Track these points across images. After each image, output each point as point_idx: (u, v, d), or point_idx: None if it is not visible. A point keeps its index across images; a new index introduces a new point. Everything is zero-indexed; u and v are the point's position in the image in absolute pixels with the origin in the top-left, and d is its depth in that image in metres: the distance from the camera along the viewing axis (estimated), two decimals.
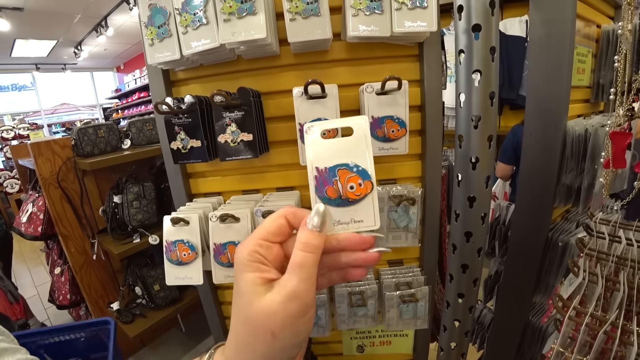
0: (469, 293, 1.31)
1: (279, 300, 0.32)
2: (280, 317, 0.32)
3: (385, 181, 0.93)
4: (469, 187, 1.20)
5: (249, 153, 0.71)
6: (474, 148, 1.16)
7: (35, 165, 2.01)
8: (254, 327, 0.32)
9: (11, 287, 2.02)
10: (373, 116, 0.76)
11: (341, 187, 0.45)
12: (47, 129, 8.98)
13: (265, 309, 0.32)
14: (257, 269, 0.34)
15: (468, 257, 1.27)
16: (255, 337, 0.32)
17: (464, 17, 1.05)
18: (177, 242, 0.76)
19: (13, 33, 6.28)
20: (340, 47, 0.84)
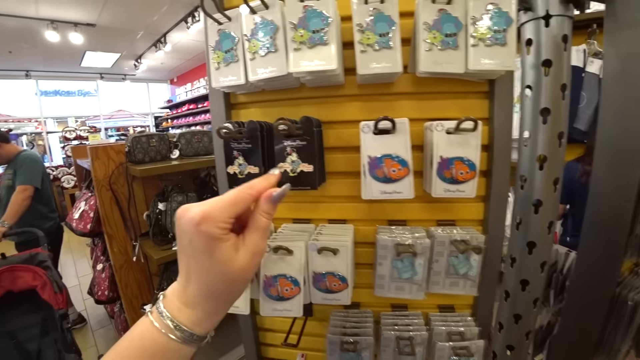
0: (519, 346, 1.16)
1: (250, 257, 0.40)
2: (251, 268, 0.40)
3: (443, 222, 0.85)
4: (529, 232, 1.08)
5: (307, 184, 0.65)
6: (537, 190, 1.05)
7: (92, 167, 2.07)
8: (234, 279, 0.39)
9: (57, 277, 2.05)
10: (442, 156, 0.68)
11: (386, 170, 0.66)
12: (104, 132, 9.49)
13: (242, 266, 0.39)
14: (229, 239, 0.39)
15: (522, 307, 1.14)
16: (232, 286, 0.40)
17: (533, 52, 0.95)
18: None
19: (84, 46, 6.73)
20: (406, 79, 0.78)
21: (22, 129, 8.81)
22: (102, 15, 5.51)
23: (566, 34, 0.65)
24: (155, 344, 0.36)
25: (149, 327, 0.37)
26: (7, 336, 2.02)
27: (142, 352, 0.36)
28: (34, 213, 2.64)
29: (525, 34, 0.70)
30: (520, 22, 0.66)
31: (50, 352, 2.06)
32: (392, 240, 0.74)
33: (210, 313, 0.39)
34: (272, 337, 0.99)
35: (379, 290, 0.78)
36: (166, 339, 0.36)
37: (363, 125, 0.64)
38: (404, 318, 0.89)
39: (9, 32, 5.78)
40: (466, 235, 0.77)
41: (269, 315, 0.71)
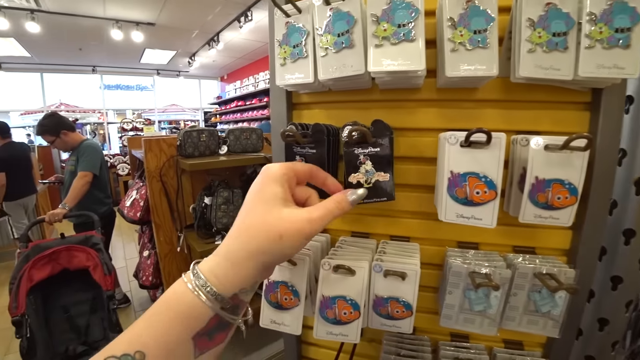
0: None
1: (302, 217, 0.38)
2: (293, 228, 0.37)
3: (521, 249, 0.72)
4: (615, 265, 0.92)
5: (384, 195, 0.56)
6: (630, 218, 0.89)
7: (145, 158, 2.11)
8: (268, 226, 0.37)
9: (107, 260, 2.12)
10: (537, 177, 0.56)
11: (469, 191, 0.55)
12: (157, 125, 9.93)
13: (285, 216, 0.37)
14: (283, 187, 0.40)
15: (596, 348, 0.98)
16: (262, 234, 0.37)
17: None
18: (279, 284, 0.63)
19: (144, 43, 7.06)
20: (492, 85, 0.66)
21: (86, 119, 9.44)
22: (161, 15, 5.74)
23: None
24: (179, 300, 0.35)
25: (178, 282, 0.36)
26: (61, 309, 2.11)
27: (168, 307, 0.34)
28: (91, 198, 2.75)
29: None
30: None
31: (97, 329, 2.12)
32: (466, 267, 0.63)
33: (231, 260, 0.36)
34: (315, 352, 0.91)
35: (445, 321, 0.68)
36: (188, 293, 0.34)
37: (450, 135, 0.53)
38: (466, 351, 0.78)
39: (82, 30, 6.19)
40: (552, 268, 0.64)
41: (323, 339, 0.62)
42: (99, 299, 2.15)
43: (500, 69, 0.62)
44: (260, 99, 7.78)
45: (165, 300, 0.35)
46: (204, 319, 0.34)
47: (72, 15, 5.47)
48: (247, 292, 0.38)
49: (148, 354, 0.31)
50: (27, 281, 1.88)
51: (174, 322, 0.33)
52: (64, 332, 2.04)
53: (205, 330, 0.34)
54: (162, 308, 0.34)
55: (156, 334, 0.32)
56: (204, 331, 0.34)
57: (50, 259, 2.00)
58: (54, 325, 2.04)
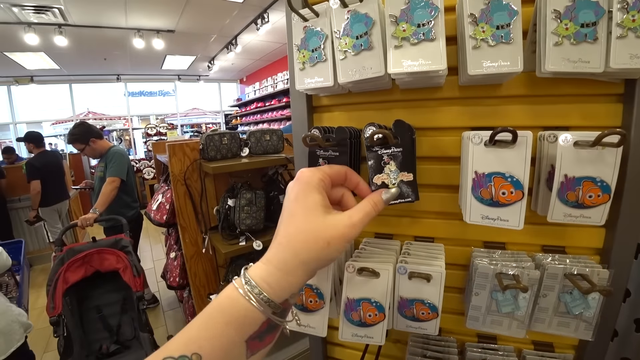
0: None
1: (344, 223, 0.40)
2: (339, 234, 0.39)
3: (551, 248, 0.70)
4: None
5: (409, 196, 0.55)
6: None
7: (169, 163, 2.17)
8: (315, 234, 0.38)
9: (136, 262, 2.19)
10: (567, 175, 0.54)
11: (494, 192, 0.54)
12: (180, 129, 10.20)
13: (329, 224, 0.39)
14: (322, 194, 0.42)
15: (634, 350, 0.94)
16: (311, 243, 0.38)
17: None
18: (304, 286, 0.64)
19: (165, 50, 7.26)
20: (517, 80, 0.64)
21: (112, 126, 9.80)
22: (180, 21, 5.88)
23: None
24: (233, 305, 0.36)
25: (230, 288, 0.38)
26: (94, 310, 2.20)
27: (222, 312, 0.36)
28: (119, 202, 2.86)
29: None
30: None
31: (128, 328, 2.20)
32: (493, 268, 0.62)
33: (283, 270, 0.38)
34: (341, 352, 0.91)
35: (472, 323, 0.66)
36: (241, 299, 0.36)
37: (474, 135, 0.52)
38: (494, 353, 0.76)
39: (106, 41, 6.43)
40: (584, 269, 0.62)
41: (348, 341, 0.62)
42: (129, 300, 2.23)
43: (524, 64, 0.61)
44: (279, 99, 7.85)
45: (219, 304, 0.36)
46: (257, 323, 0.36)
47: (96, 27, 5.69)
48: (295, 296, 0.40)
49: (204, 356, 0.33)
50: (62, 283, 1.98)
51: (229, 326, 0.35)
52: (97, 331, 2.13)
53: (258, 333, 0.36)
54: (217, 312, 0.36)
55: (212, 337, 0.34)
56: (256, 334, 0.36)
57: (84, 261, 2.09)
58: (88, 324, 2.14)
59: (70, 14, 5.07)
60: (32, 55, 6.84)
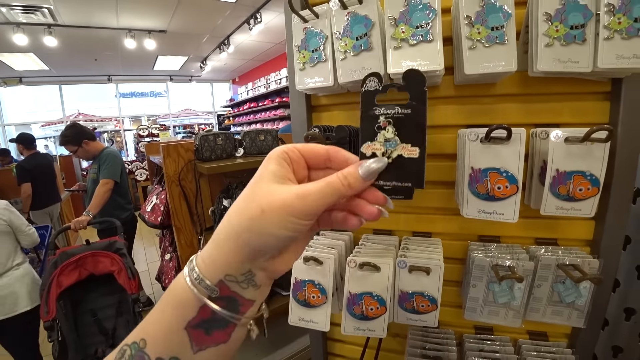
0: None
1: (289, 190, 0.31)
2: (278, 200, 0.31)
3: (544, 240, 0.73)
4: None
5: (409, 178, 0.57)
6: None
7: (163, 163, 2.16)
8: (250, 198, 0.32)
9: (131, 264, 2.18)
10: (558, 170, 0.57)
11: (490, 186, 0.55)
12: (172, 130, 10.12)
13: (271, 189, 0.32)
14: (281, 165, 0.34)
15: (624, 338, 0.98)
16: (243, 208, 0.32)
17: None
18: (307, 283, 0.65)
19: (157, 51, 7.21)
20: (510, 79, 0.67)
21: (103, 128, 9.69)
22: (172, 22, 5.85)
23: None
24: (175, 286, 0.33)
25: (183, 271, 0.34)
26: (89, 313, 2.19)
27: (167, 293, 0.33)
28: (113, 204, 2.84)
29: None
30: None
31: (124, 331, 2.19)
32: (489, 260, 0.64)
33: (215, 241, 0.33)
34: (341, 348, 0.93)
35: (470, 314, 0.69)
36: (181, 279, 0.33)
37: (470, 132, 0.55)
38: (491, 343, 0.79)
39: (96, 41, 6.37)
40: (576, 259, 0.65)
41: (350, 334, 0.64)
42: (124, 303, 2.22)
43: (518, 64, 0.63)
44: (272, 99, 7.85)
45: (167, 289, 0.34)
46: (192, 306, 0.32)
47: (87, 27, 5.64)
48: (237, 283, 0.33)
49: (148, 341, 0.31)
50: (56, 287, 1.96)
51: (167, 308, 0.33)
52: (92, 335, 2.12)
53: (198, 321, 0.32)
54: (164, 296, 0.34)
55: (155, 321, 0.32)
56: (196, 322, 0.32)
57: (77, 265, 2.07)
58: (82, 328, 2.12)
59: (60, 14, 5.02)
60: (21, 56, 6.74)
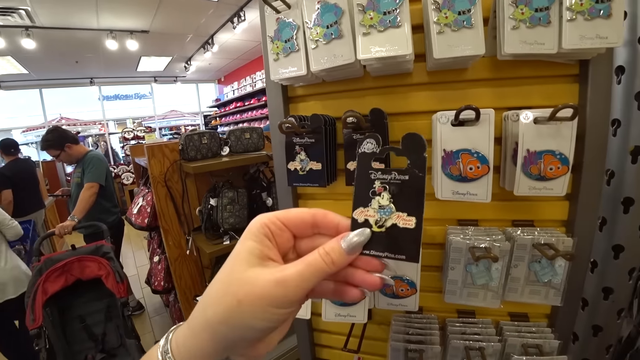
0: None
1: (267, 277, 0.29)
2: (255, 291, 0.28)
3: (520, 222, 0.74)
4: (616, 234, 0.94)
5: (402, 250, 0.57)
6: (628, 187, 0.90)
7: (149, 164, 2.14)
8: (225, 288, 0.30)
9: (119, 268, 2.16)
10: (529, 150, 0.59)
11: (462, 167, 0.57)
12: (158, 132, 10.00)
13: (247, 277, 0.29)
14: (261, 242, 0.31)
15: (603, 317, 1.00)
16: (219, 298, 0.30)
17: (627, 26, 0.82)
18: None
19: (139, 51, 7.11)
20: (481, 64, 0.69)
21: (87, 132, 9.53)
22: (154, 22, 5.78)
23: None
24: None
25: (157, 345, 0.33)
26: (78, 319, 2.16)
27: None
28: (99, 208, 2.80)
29: None
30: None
31: (114, 336, 2.17)
32: (466, 242, 0.66)
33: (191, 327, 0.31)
34: (327, 338, 0.94)
35: (449, 297, 0.70)
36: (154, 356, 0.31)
37: (440, 115, 0.56)
38: (473, 326, 0.80)
39: (77, 43, 6.25)
40: (550, 238, 0.67)
41: (331, 321, 0.65)
42: (113, 307, 2.20)
43: (487, 48, 0.65)
44: (258, 98, 7.82)
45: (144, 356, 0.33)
46: None
47: (66, 28, 5.53)
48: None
49: None
50: (42, 294, 1.93)
51: None
52: (81, 341, 2.09)
53: None
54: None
55: None
56: None
57: (63, 270, 2.04)
58: (71, 335, 2.10)
59: (37, 15, 4.91)
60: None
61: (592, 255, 0.91)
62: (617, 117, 0.88)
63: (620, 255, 0.91)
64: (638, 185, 0.88)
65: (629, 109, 0.87)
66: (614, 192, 0.90)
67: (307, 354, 0.95)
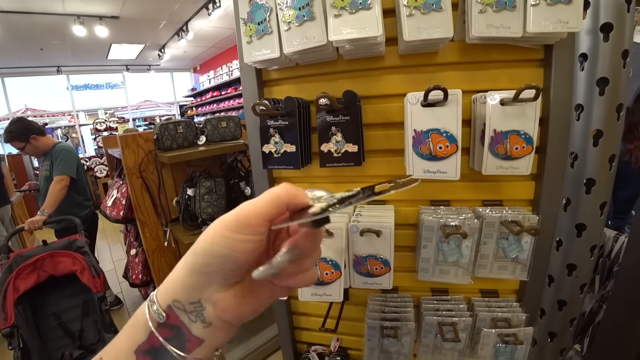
0: (562, 333, 1.09)
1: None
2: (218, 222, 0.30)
3: (490, 202, 0.78)
4: (579, 213, 0.99)
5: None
6: (590, 168, 0.96)
7: (122, 155, 2.09)
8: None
9: (94, 262, 2.11)
10: (495, 130, 0.61)
11: (432, 147, 0.60)
12: (132, 123, 9.68)
13: None
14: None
15: (567, 292, 1.07)
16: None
17: (590, 15, 0.86)
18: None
19: (110, 38, 6.82)
20: (451, 48, 0.70)
21: (56, 123, 9.12)
22: (125, 7, 5.55)
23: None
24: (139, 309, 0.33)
25: None
26: (53, 316, 2.11)
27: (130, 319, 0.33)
28: (70, 202, 2.71)
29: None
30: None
31: (92, 331, 2.13)
32: (437, 221, 0.68)
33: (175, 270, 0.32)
34: (306, 321, 0.96)
35: (422, 275, 0.73)
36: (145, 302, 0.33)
37: (410, 96, 0.57)
38: (446, 303, 0.84)
39: (39, 29, 5.92)
40: (517, 216, 0.70)
41: (308, 300, 0.67)
42: (90, 302, 2.15)
43: (457, 33, 0.67)
44: (235, 87, 7.67)
45: None
46: (143, 329, 0.31)
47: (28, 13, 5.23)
48: (185, 312, 0.31)
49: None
50: (13, 292, 1.87)
51: (126, 328, 0.32)
52: (58, 338, 2.05)
53: (147, 347, 0.31)
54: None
55: (114, 341, 0.33)
56: (145, 348, 0.31)
57: (35, 267, 1.98)
58: (47, 332, 2.04)
59: None
60: None
61: (557, 234, 0.96)
62: (580, 102, 0.93)
63: (583, 233, 0.96)
64: (599, 167, 0.93)
65: (591, 95, 0.92)
66: (577, 174, 0.95)
67: (287, 337, 0.97)
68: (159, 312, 0.31)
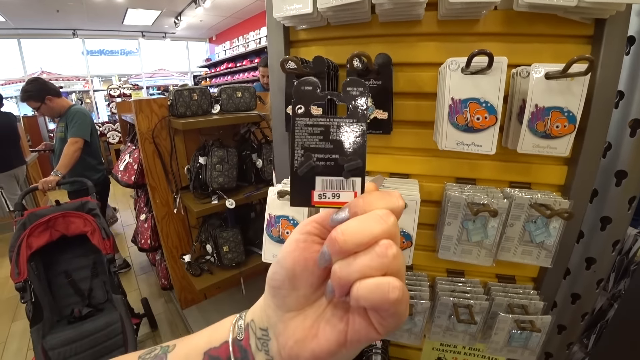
0: (572, 327, 1.08)
1: None
2: None
3: (518, 184, 0.74)
4: (606, 206, 0.96)
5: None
6: (623, 160, 0.91)
7: (136, 120, 2.08)
8: None
9: (105, 225, 2.14)
10: (537, 105, 0.57)
11: (469, 117, 0.55)
12: (145, 91, 9.65)
13: None
14: None
15: (583, 286, 1.04)
16: None
17: None
18: (281, 218, 0.65)
19: (126, 3, 6.73)
20: (494, 17, 0.65)
21: (71, 87, 9.14)
22: None
23: None
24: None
25: None
26: (63, 274, 2.16)
27: None
28: (83, 164, 2.73)
29: None
30: None
31: (100, 291, 2.18)
32: (464, 198, 0.65)
33: None
34: None
35: (443, 253, 0.71)
36: None
37: (451, 61, 0.53)
38: (462, 285, 0.82)
39: None
40: (549, 199, 0.67)
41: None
42: (99, 263, 2.19)
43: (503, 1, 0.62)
44: (251, 60, 7.54)
45: None
46: (221, 335, 0.32)
47: None
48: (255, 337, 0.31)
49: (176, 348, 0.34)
50: (26, 248, 1.91)
51: (213, 326, 0.34)
52: (67, 295, 2.10)
53: (216, 354, 0.32)
54: None
55: (195, 334, 0.34)
56: (215, 354, 0.32)
57: (48, 226, 2.01)
58: (57, 289, 2.10)
59: None
60: None
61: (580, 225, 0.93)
62: (621, 88, 0.88)
63: (607, 227, 0.93)
64: (633, 159, 0.88)
65: (634, 81, 0.86)
66: (609, 164, 0.91)
67: None
68: (240, 329, 0.32)
